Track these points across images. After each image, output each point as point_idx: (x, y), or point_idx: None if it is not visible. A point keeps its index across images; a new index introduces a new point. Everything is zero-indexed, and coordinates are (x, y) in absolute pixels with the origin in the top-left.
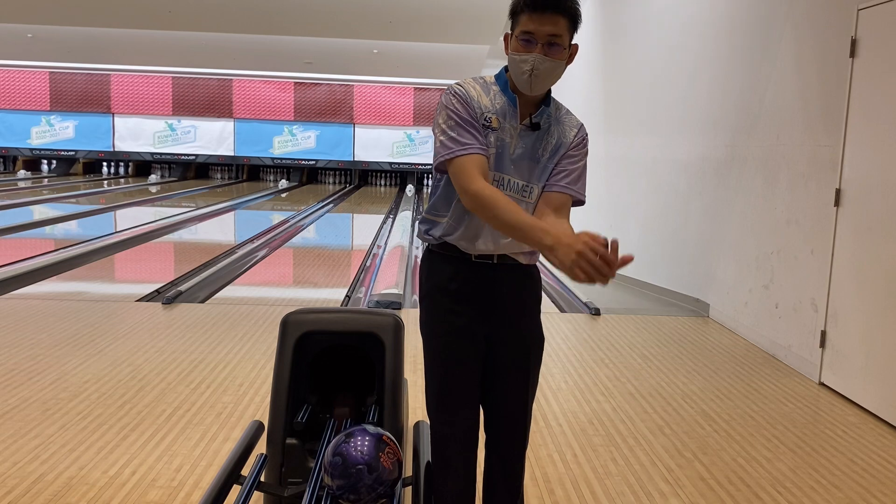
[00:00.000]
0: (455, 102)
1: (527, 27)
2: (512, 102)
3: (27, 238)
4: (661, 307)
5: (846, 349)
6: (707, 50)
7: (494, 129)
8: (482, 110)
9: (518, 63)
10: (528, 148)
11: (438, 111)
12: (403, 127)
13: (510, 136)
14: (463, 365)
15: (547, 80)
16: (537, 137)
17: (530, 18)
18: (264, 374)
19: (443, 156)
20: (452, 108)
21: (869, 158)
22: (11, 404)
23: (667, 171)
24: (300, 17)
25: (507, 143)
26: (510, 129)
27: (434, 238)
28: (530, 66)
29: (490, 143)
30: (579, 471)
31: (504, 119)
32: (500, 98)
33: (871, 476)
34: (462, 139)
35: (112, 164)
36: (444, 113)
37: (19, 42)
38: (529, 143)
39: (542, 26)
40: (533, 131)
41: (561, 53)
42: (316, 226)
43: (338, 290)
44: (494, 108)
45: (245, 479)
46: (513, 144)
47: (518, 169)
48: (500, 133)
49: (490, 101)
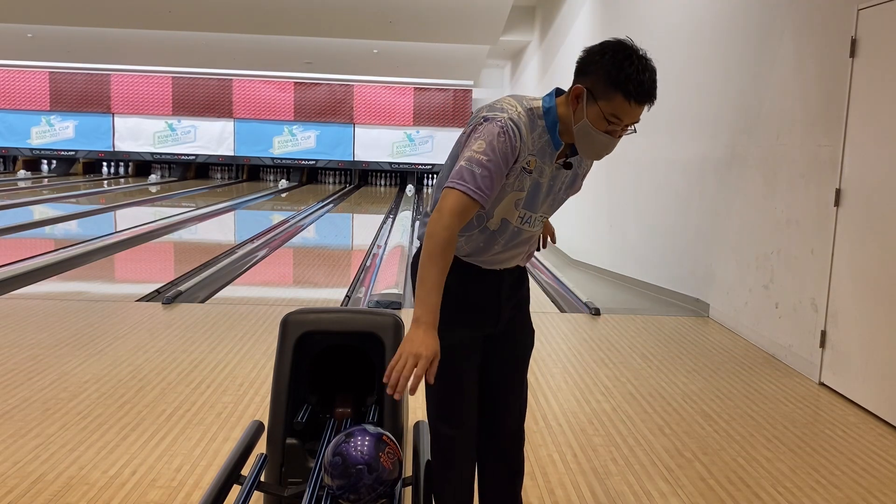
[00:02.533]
0: (503, 142)
1: (621, 113)
2: (555, 145)
3: (27, 238)
4: (661, 307)
5: (846, 349)
6: (707, 50)
7: (530, 172)
8: (524, 153)
9: (597, 142)
10: (555, 184)
11: (483, 132)
12: (403, 127)
13: (543, 176)
14: (464, 366)
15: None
16: (564, 174)
17: (629, 106)
18: (264, 374)
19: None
20: (497, 147)
21: (869, 158)
22: (11, 404)
23: (667, 171)
24: (300, 17)
25: (541, 183)
26: (544, 167)
27: None
28: (608, 151)
29: (524, 187)
30: (579, 471)
31: (541, 159)
32: (542, 136)
33: (871, 476)
34: (483, 183)
35: (112, 164)
36: (489, 145)
37: (19, 42)
38: (557, 180)
39: (635, 115)
40: (565, 170)
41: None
42: (316, 226)
43: (338, 290)
44: (535, 148)
45: (245, 479)
46: (545, 184)
47: (544, 205)
48: (534, 174)
49: (533, 140)
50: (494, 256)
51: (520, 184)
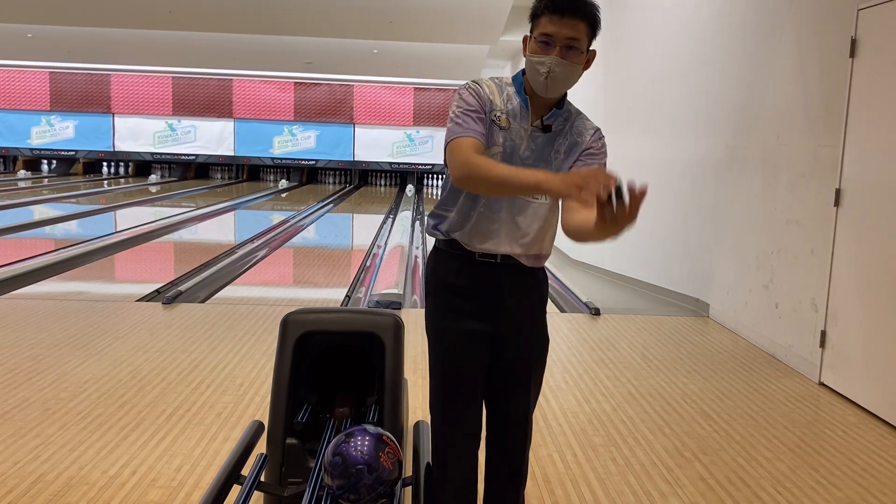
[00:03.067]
0: (466, 94)
1: (546, 29)
2: (525, 104)
3: (27, 238)
4: (661, 307)
5: (846, 349)
6: (707, 50)
7: (503, 128)
8: (492, 107)
9: (535, 65)
10: (539, 150)
11: (454, 102)
12: (403, 127)
13: (520, 138)
14: (466, 363)
15: (563, 83)
16: (548, 140)
17: (550, 21)
18: (264, 374)
19: (448, 140)
20: (462, 99)
21: (869, 158)
22: (11, 404)
23: (667, 171)
24: (300, 17)
25: (518, 144)
26: (520, 130)
27: (441, 233)
28: (547, 69)
29: (497, 142)
30: (579, 471)
31: (515, 120)
32: (514, 99)
33: (870, 476)
34: (464, 124)
35: (112, 164)
36: (454, 105)
37: (19, 42)
38: (540, 146)
39: (562, 29)
40: (544, 133)
41: (578, 57)
42: (316, 226)
43: (338, 290)
44: (506, 108)
45: (245, 479)
46: (522, 146)
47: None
48: (509, 133)
49: (503, 100)
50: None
51: (494, 139)
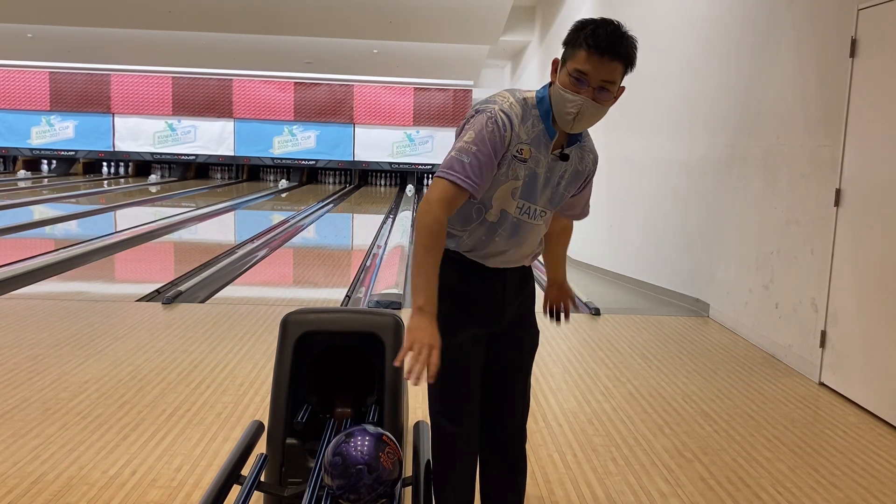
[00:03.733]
0: (493, 133)
1: (582, 66)
2: (549, 134)
3: (27, 238)
4: (661, 307)
5: (846, 349)
6: (707, 50)
7: (525, 161)
8: (515, 142)
9: (565, 102)
10: (553, 176)
11: (473, 123)
12: (403, 127)
13: (540, 167)
14: (468, 365)
15: (589, 122)
16: (560, 166)
17: (588, 60)
18: (264, 374)
19: (446, 173)
20: (484, 137)
21: (869, 158)
22: (11, 404)
23: (667, 171)
24: (300, 17)
25: (538, 174)
26: (540, 158)
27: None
28: (577, 109)
29: (518, 176)
30: (579, 471)
31: (536, 148)
32: (536, 126)
33: (870, 476)
34: (472, 171)
35: (112, 164)
36: (478, 135)
37: (19, 42)
38: (555, 172)
39: (599, 71)
40: (562, 161)
41: (609, 98)
42: (316, 226)
43: (338, 290)
44: (529, 137)
45: (245, 479)
46: (542, 174)
47: (543, 197)
48: (530, 163)
49: (526, 129)
50: (498, 251)
51: (514, 172)
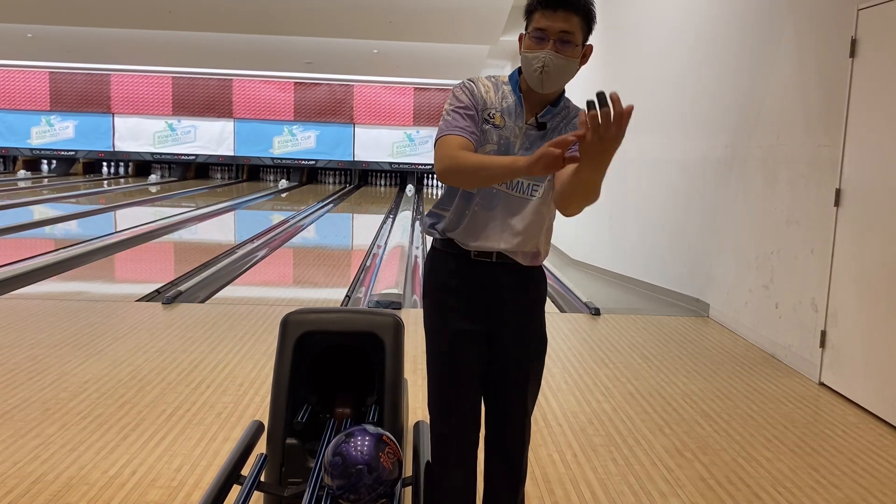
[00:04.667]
0: (459, 93)
1: (539, 24)
2: (519, 102)
3: (27, 238)
4: (661, 307)
5: (846, 349)
6: (707, 50)
7: (498, 127)
8: (487, 105)
9: (530, 60)
10: (535, 148)
11: (447, 100)
12: (403, 127)
13: (514, 136)
14: (464, 363)
15: (559, 78)
16: (542, 138)
17: (543, 15)
18: (264, 374)
19: (438, 136)
20: (454, 97)
21: (869, 158)
22: (11, 404)
23: (667, 171)
24: (300, 17)
25: (512, 143)
26: (515, 128)
27: (438, 232)
28: (541, 63)
29: (491, 140)
30: (579, 471)
31: (509, 118)
32: (509, 97)
33: (871, 476)
34: (453, 122)
35: (112, 164)
36: (447, 103)
37: (19, 42)
38: (536, 143)
39: (555, 23)
40: (538, 131)
41: (573, 51)
42: (316, 226)
43: (338, 290)
44: (501, 106)
45: (245, 479)
46: (517, 144)
47: None
48: (503, 131)
49: (498, 98)
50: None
51: (486, 137)
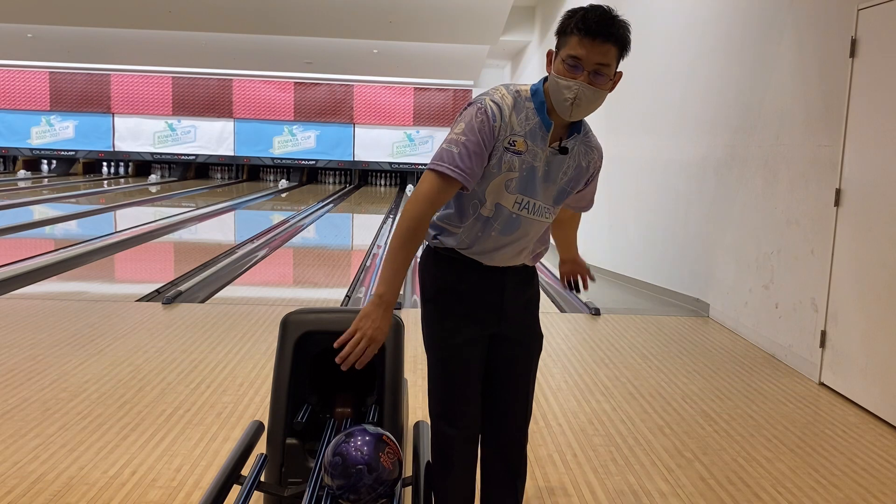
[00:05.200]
0: (481, 123)
1: (575, 52)
2: (545, 126)
3: (27, 238)
4: (661, 307)
5: (846, 349)
6: (707, 50)
7: (520, 153)
8: (508, 133)
9: (561, 88)
10: (555, 171)
11: (464, 115)
12: (403, 127)
13: (538, 160)
14: (468, 366)
15: (588, 108)
16: (561, 161)
17: (580, 43)
18: (264, 374)
19: (436, 164)
20: (473, 127)
21: (869, 158)
22: (11, 404)
23: (667, 171)
24: (300, 17)
25: (536, 168)
26: (538, 151)
27: (443, 245)
28: (574, 94)
29: (514, 168)
30: (579, 471)
31: (532, 141)
32: (531, 118)
33: (870, 476)
34: (459, 159)
35: (112, 164)
36: (468, 125)
37: (19, 42)
38: (556, 166)
39: (592, 54)
40: (561, 155)
41: (606, 83)
42: (316, 226)
43: (338, 290)
44: (524, 129)
45: (245, 479)
46: (540, 168)
47: (545, 192)
48: (526, 156)
49: (520, 120)
50: (494, 247)
51: (508, 165)
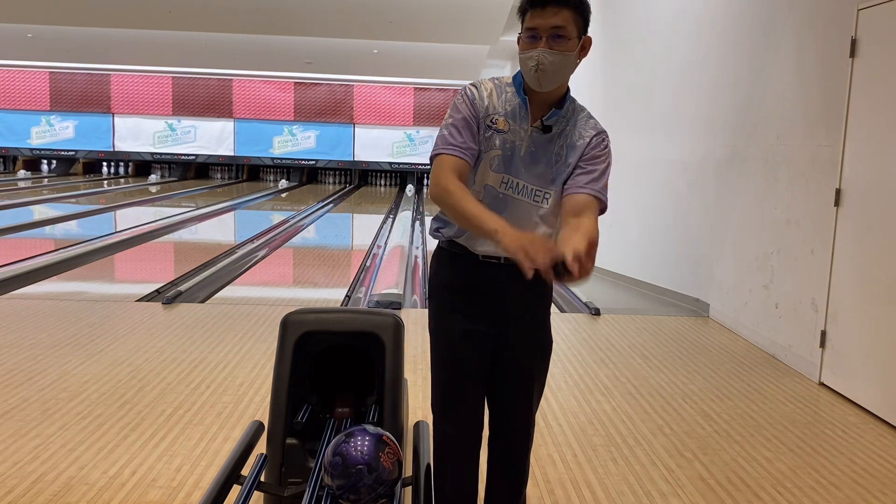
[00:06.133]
0: (459, 102)
1: (531, 23)
2: (524, 105)
3: (27, 238)
4: (661, 307)
5: (846, 349)
6: (707, 50)
7: (501, 131)
8: (489, 112)
9: (525, 60)
10: (543, 152)
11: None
12: (403, 127)
13: (520, 139)
14: (468, 364)
15: (555, 74)
16: (550, 141)
17: (533, 14)
18: (264, 374)
19: (434, 152)
20: (455, 107)
21: (869, 158)
22: (11, 404)
23: (667, 171)
24: (300, 17)
25: (518, 146)
26: (520, 131)
27: (444, 236)
28: (535, 61)
29: (495, 146)
30: (579, 471)
31: (514, 121)
32: (512, 99)
33: (871, 476)
34: (450, 137)
35: (112, 164)
36: (451, 108)
37: (19, 42)
38: (543, 147)
39: (545, 20)
40: (545, 134)
41: (566, 44)
42: (316, 226)
43: (338, 290)
44: (505, 109)
45: (245, 479)
46: (523, 147)
47: (531, 173)
48: (508, 135)
49: (501, 102)
50: None
51: (490, 143)
